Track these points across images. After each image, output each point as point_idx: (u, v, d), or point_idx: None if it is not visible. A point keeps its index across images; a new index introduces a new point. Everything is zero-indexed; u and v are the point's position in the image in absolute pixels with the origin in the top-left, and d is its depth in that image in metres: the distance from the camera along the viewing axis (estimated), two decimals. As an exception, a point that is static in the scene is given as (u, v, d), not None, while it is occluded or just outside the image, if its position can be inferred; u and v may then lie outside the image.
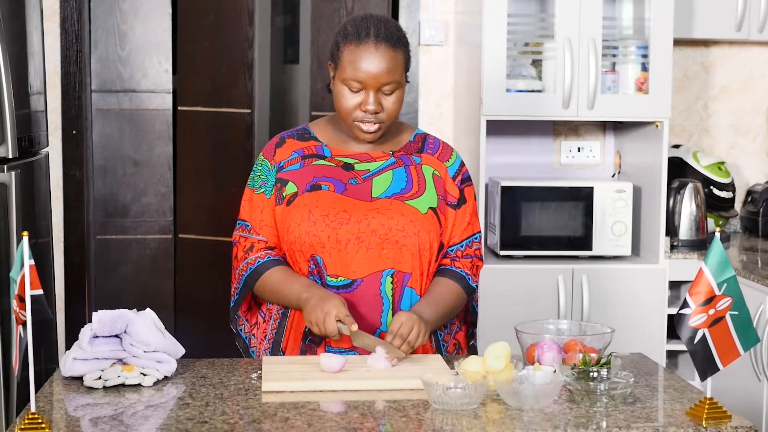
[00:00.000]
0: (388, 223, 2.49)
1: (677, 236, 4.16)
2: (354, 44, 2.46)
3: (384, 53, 2.45)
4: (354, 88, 2.47)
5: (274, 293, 2.52)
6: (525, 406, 2.08)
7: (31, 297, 1.94)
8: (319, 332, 2.39)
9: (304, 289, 2.46)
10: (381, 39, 2.45)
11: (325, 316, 2.36)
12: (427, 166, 2.59)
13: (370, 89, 2.46)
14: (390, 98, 2.48)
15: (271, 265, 2.52)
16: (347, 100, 2.48)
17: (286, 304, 2.53)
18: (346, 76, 2.46)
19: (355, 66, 2.45)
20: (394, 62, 2.46)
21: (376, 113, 2.47)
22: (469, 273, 2.58)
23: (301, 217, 2.49)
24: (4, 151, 3.27)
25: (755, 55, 4.54)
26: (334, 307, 2.37)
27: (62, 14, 4.31)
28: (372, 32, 2.45)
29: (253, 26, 4.83)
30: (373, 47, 2.44)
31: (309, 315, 2.40)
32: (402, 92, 2.51)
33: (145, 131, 4.80)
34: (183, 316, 4.92)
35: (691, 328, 2.04)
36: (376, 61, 2.44)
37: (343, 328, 2.36)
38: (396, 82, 2.47)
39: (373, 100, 2.46)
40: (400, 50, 2.48)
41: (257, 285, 2.53)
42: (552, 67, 3.96)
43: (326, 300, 2.39)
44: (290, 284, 2.49)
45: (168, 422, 2.02)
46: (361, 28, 2.47)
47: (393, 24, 2.52)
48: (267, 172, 2.57)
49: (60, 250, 4.37)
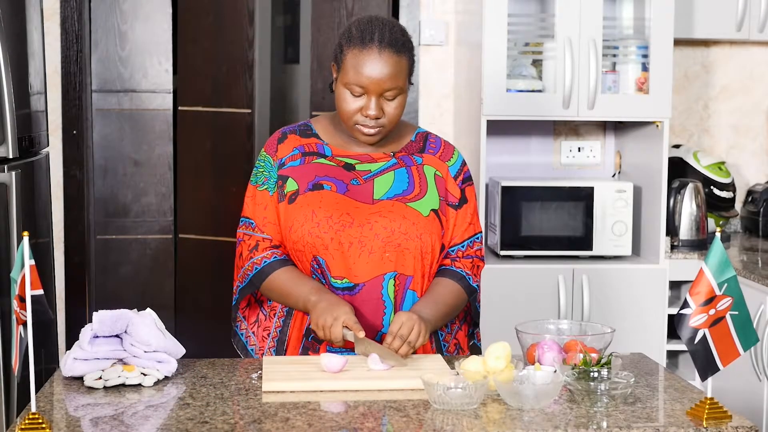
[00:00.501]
0: (390, 227, 2.48)
1: (677, 236, 4.16)
2: (358, 48, 2.43)
3: (388, 59, 2.42)
4: (356, 92, 2.44)
5: (282, 294, 2.51)
6: (525, 406, 2.08)
7: (31, 297, 1.93)
8: (323, 336, 2.38)
9: (313, 292, 2.45)
10: (385, 44, 2.42)
11: (334, 320, 2.36)
12: (428, 167, 2.57)
13: (372, 94, 2.43)
14: (392, 103, 2.46)
15: (278, 265, 2.51)
16: (349, 104, 2.46)
17: (292, 306, 2.52)
18: (348, 80, 2.44)
19: (357, 71, 2.42)
20: (397, 68, 2.43)
21: (377, 118, 2.45)
22: (470, 273, 2.58)
23: (304, 217, 2.48)
24: (4, 151, 3.27)
25: (755, 55, 4.54)
26: (344, 314, 2.36)
27: (62, 14, 4.31)
28: (376, 37, 2.42)
29: (253, 26, 4.83)
30: (377, 52, 2.41)
31: (317, 318, 2.39)
32: (404, 97, 2.48)
33: (145, 131, 4.80)
34: (183, 316, 4.92)
35: (692, 328, 2.04)
36: (379, 66, 2.41)
37: (348, 335, 2.36)
38: (399, 87, 2.45)
39: (375, 106, 2.44)
40: (404, 56, 2.45)
41: (263, 285, 2.53)
42: (552, 67, 3.96)
43: (337, 305, 2.39)
44: (299, 286, 2.48)
45: (168, 422, 2.02)
46: (366, 32, 2.44)
47: (398, 28, 2.48)
48: (270, 169, 2.56)
49: (60, 250, 4.37)
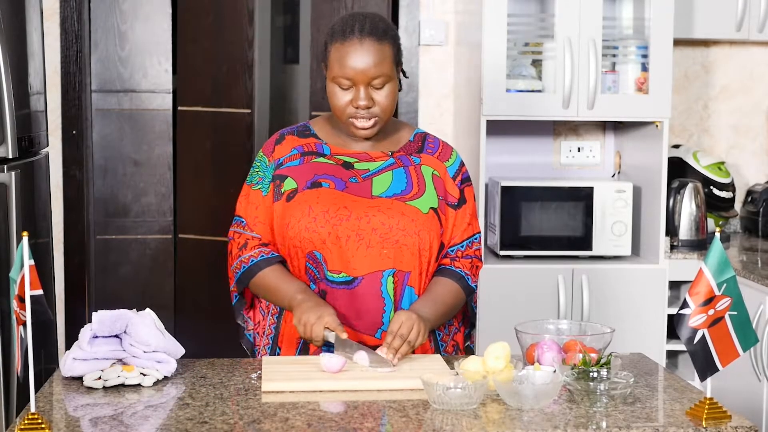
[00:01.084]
0: (388, 222, 2.48)
1: (677, 236, 4.16)
2: (339, 41, 2.46)
3: (369, 47, 2.44)
4: (344, 85, 2.46)
5: (269, 291, 2.52)
6: (525, 406, 2.08)
7: (31, 297, 1.93)
8: (304, 334, 2.39)
9: (300, 291, 2.46)
10: (366, 33, 2.45)
11: (317, 319, 2.37)
12: (426, 167, 2.58)
13: (359, 85, 2.45)
14: (381, 92, 2.47)
15: (264, 264, 2.52)
16: (338, 98, 2.48)
17: (279, 304, 2.53)
18: (335, 74, 2.46)
19: (342, 63, 2.45)
20: (381, 55, 2.45)
21: (368, 108, 2.47)
22: (469, 273, 2.58)
23: (301, 213, 2.49)
24: (4, 151, 3.27)
25: (755, 55, 4.54)
26: (328, 315, 2.37)
27: (62, 14, 4.31)
28: (356, 28, 2.45)
29: (253, 26, 4.83)
30: (357, 42, 2.44)
31: (301, 315, 2.39)
32: (394, 85, 2.49)
33: (145, 131, 4.80)
34: (183, 316, 4.92)
35: (691, 329, 2.04)
36: (362, 56, 2.44)
37: (330, 336, 2.36)
38: (385, 75, 2.46)
39: (364, 96, 2.45)
40: (387, 42, 2.47)
41: (251, 282, 2.54)
42: (552, 67, 3.96)
43: (322, 306, 2.40)
44: (286, 284, 2.49)
45: (168, 422, 2.02)
46: (347, 25, 2.47)
47: (379, 18, 2.51)
48: (264, 169, 2.58)
49: (60, 250, 4.37)
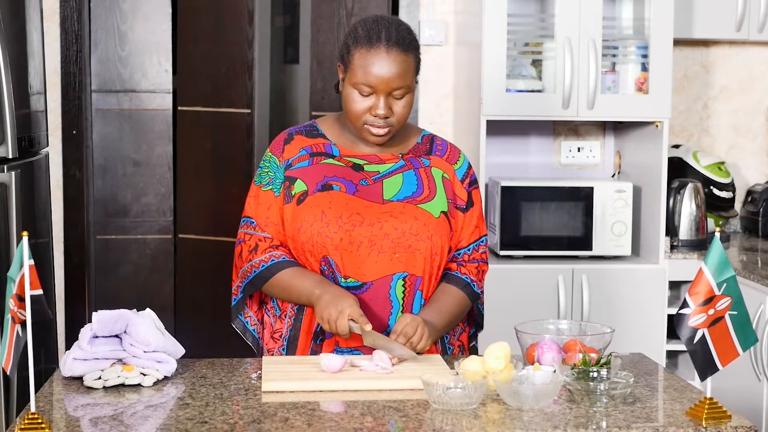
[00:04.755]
0: (401, 227, 2.47)
1: (677, 236, 4.16)
2: (365, 48, 2.43)
3: (395, 58, 2.42)
4: (364, 92, 2.45)
5: (285, 290, 2.49)
6: (525, 406, 2.08)
7: (30, 297, 1.93)
8: (330, 329, 2.38)
9: (316, 285, 2.44)
10: (393, 43, 2.43)
11: (339, 314, 2.35)
12: (436, 169, 2.57)
13: (380, 94, 2.44)
14: (400, 102, 2.46)
15: (276, 269, 2.49)
16: (357, 104, 2.46)
17: (296, 301, 2.51)
18: (356, 80, 2.44)
19: (366, 70, 2.43)
20: (405, 66, 2.44)
21: (386, 117, 2.46)
22: (474, 279, 2.58)
23: (313, 217, 2.47)
24: (4, 151, 3.27)
25: (755, 55, 4.54)
26: (349, 306, 2.36)
27: (62, 14, 4.31)
28: (383, 36, 2.43)
29: (253, 26, 4.82)
30: (384, 52, 2.42)
31: (322, 312, 2.38)
32: (412, 96, 2.49)
33: (145, 131, 4.80)
34: (183, 316, 4.92)
35: (691, 328, 2.04)
36: (387, 65, 2.42)
37: (354, 327, 2.35)
38: (407, 86, 2.45)
39: (384, 105, 2.44)
40: (411, 54, 2.46)
41: (265, 286, 2.52)
42: (552, 67, 3.96)
43: (341, 298, 2.38)
44: (302, 280, 2.46)
45: (168, 422, 2.02)
46: (373, 31, 2.44)
47: (405, 27, 2.49)
48: (275, 169, 2.55)
49: (60, 250, 4.37)
